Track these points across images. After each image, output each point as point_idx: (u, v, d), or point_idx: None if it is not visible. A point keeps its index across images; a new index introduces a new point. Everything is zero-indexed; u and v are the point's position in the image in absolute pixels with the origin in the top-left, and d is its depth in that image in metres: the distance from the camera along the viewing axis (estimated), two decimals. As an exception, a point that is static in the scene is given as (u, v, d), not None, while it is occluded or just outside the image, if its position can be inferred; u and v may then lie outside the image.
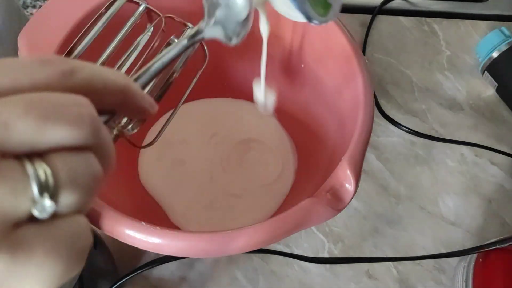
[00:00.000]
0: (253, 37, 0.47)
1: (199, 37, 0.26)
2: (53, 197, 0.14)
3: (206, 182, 0.46)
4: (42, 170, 0.14)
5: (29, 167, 0.14)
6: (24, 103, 0.14)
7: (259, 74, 0.50)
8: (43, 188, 0.14)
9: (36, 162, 0.14)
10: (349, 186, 0.31)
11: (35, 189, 0.14)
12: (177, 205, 0.45)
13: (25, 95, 0.14)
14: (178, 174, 0.47)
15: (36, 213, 0.14)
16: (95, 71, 0.17)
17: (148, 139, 0.48)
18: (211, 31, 0.26)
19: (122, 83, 0.18)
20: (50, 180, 0.14)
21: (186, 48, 0.26)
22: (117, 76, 0.18)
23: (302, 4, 0.27)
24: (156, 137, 0.34)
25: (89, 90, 0.16)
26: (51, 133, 0.14)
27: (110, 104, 0.18)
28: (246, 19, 0.26)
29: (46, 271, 0.14)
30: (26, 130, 0.14)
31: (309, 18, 0.28)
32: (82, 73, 0.16)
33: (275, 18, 0.44)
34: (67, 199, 0.14)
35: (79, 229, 0.15)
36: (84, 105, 0.15)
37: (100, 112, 0.17)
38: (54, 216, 0.14)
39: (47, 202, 0.14)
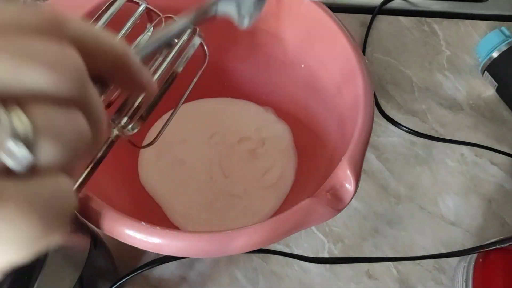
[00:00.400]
0: (254, 37, 0.47)
1: (212, 10, 0.25)
2: (30, 148, 0.13)
3: (205, 182, 0.46)
4: (17, 117, 0.13)
5: (1, 113, 0.12)
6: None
7: (259, 74, 0.50)
8: (18, 137, 0.12)
9: (12, 109, 0.13)
10: (349, 186, 0.31)
11: (8, 137, 0.12)
12: (177, 205, 0.45)
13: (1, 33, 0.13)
14: (177, 174, 0.47)
15: (10, 163, 0.13)
16: (88, 28, 0.16)
17: (148, 139, 0.48)
18: (226, 5, 0.25)
19: (118, 48, 0.16)
20: (27, 129, 0.13)
21: (193, 21, 0.24)
22: (113, 39, 0.16)
23: None
24: (156, 137, 0.34)
25: (80, 48, 0.15)
26: (28, 75, 0.13)
27: (102, 71, 0.16)
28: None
29: (18, 229, 0.12)
30: None
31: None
32: (73, 26, 0.15)
33: (275, 18, 0.44)
34: (46, 152, 0.13)
35: (60, 189, 0.14)
36: (70, 53, 0.14)
37: (92, 78, 0.15)
38: (34, 172, 0.13)
39: (22, 152, 0.13)
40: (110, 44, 0.16)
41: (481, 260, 0.40)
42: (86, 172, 0.30)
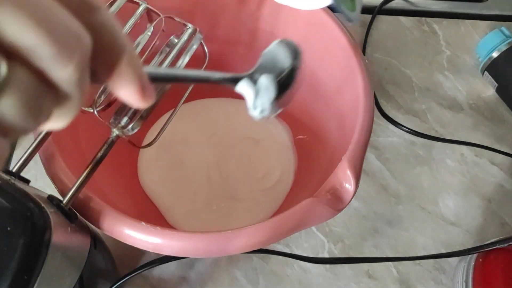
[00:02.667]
0: (254, 37, 0.47)
1: (231, 84, 0.24)
2: None
3: (204, 183, 0.46)
4: None
5: None
6: None
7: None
8: None
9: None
10: (349, 186, 0.31)
11: None
12: (175, 207, 0.45)
13: None
14: (177, 175, 0.47)
15: None
16: (112, 23, 0.16)
17: (148, 139, 0.48)
18: (245, 87, 0.24)
19: (123, 42, 0.16)
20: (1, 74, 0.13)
21: (214, 82, 0.23)
22: (128, 46, 0.16)
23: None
24: (156, 137, 0.34)
25: (94, 37, 0.15)
26: (32, 37, 0.13)
27: (100, 66, 0.16)
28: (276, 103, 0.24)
29: None
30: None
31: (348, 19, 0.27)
32: (101, 17, 0.15)
33: (274, 18, 0.44)
34: (3, 107, 0.13)
35: None
36: (83, 37, 0.14)
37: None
38: None
39: None
40: (122, 48, 0.16)
41: (481, 260, 0.40)
42: (86, 172, 0.30)
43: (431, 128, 0.53)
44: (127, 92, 0.17)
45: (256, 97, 0.24)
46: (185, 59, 0.34)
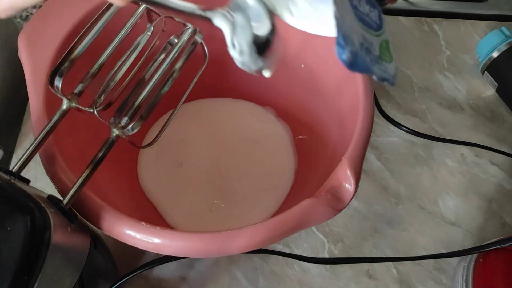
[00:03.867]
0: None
1: (207, 18, 0.25)
2: None
3: (204, 183, 0.46)
4: None
5: None
6: None
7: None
8: None
9: None
10: (349, 186, 0.31)
11: None
12: (175, 207, 0.45)
13: None
14: (176, 175, 0.47)
15: None
16: None
17: (148, 139, 0.48)
18: (220, 22, 0.25)
19: None
20: None
21: (191, 14, 0.24)
22: None
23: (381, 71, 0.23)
24: (156, 137, 0.34)
25: None
26: None
27: None
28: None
29: None
30: None
31: (384, 79, 0.23)
32: None
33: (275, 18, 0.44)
34: None
35: None
36: None
37: None
38: None
39: None
40: None
41: (481, 260, 0.40)
42: (86, 172, 0.30)
43: (431, 128, 0.53)
44: None
45: (233, 33, 0.25)
46: (185, 59, 0.34)
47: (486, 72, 0.55)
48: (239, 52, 0.25)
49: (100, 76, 0.32)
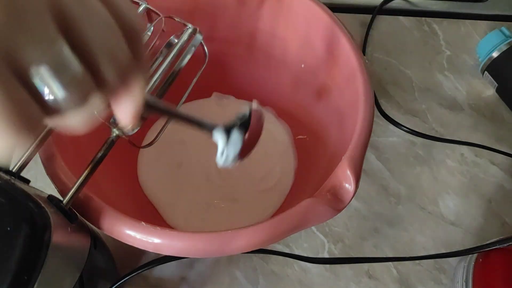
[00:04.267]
0: (254, 37, 0.47)
1: (209, 130, 0.29)
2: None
3: (204, 183, 0.46)
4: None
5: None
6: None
7: (259, 74, 0.50)
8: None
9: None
10: (349, 186, 0.31)
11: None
12: (175, 207, 0.45)
13: None
14: (176, 176, 0.47)
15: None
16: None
17: (148, 139, 0.48)
18: (218, 136, 0.29)
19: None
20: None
21: (199, 126, 0.29)
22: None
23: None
24: (156, 137, 0.34)
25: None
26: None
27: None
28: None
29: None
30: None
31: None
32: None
33: (274, 18, 0.44)
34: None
35: None
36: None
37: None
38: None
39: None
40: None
41: (481, 260, 0.40)
42: (86, 172, 0.30)
43: (431, 128, 0.53)
44: (125, 111, 0.20)
45: (226, 146, 0.28)
46: (185, 59, 0.34)
47: (486, 72, 0.55)
48: (225, 160, 0.29)
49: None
